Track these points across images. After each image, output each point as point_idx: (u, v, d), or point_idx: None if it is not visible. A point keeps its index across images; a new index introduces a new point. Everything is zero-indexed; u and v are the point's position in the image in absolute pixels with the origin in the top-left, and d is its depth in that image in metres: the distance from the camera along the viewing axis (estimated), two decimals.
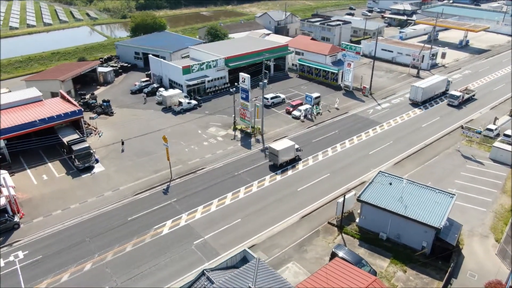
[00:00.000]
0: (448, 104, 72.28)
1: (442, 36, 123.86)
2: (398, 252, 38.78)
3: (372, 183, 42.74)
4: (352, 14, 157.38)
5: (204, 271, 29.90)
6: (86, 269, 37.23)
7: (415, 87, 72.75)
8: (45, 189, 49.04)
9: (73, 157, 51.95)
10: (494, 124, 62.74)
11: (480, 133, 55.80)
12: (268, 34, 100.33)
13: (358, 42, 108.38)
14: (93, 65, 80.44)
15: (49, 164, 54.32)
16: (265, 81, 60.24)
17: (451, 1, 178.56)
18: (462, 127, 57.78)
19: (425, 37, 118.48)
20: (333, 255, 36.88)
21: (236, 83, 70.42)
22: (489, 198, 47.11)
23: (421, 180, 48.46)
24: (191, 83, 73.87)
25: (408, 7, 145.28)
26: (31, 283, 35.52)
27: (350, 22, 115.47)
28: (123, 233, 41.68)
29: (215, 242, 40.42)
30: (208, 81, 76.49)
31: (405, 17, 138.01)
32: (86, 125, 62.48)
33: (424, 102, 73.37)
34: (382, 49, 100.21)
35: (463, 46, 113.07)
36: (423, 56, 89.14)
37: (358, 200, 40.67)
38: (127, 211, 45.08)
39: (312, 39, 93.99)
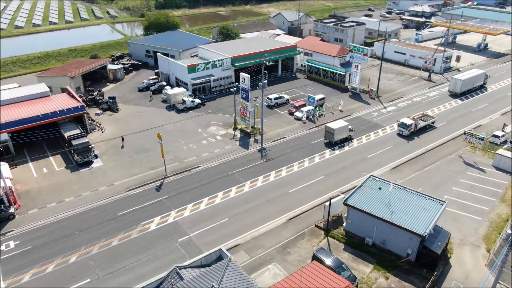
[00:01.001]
0: (398, 134, 61.82)
1: (461, 39, 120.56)
2: (383, 258, 38.07)
3: (362, 187, 42.09)
4: (370, 16, 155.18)
5: (176, 267, 30.14)
6: (71, 261, 38.11)
7: (454, 79, 77.37)
8: (43, 182, 50.48)
9: (72, 151, 53.28)
10: (503, 130, 60.67)
11: (483, 139, 54.09)
12: (278, 35, 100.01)
13: (372, 44, 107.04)
14: (103, 63, 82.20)
15: (51, 157, 55.85)
16: (265, 81, 60.07)
17: (474, 3, 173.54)
18: (464, 132, 56.13)
19: (442, 40, 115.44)
20: (314, 258, 36.60)
21: (236, 83, 70.63)
22: (487, 207, 45.64)
23: (418, 186, 47.76)
24: (196, 81, 74.55)
25: (427, 8, 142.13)
26: (16, 272, 36.62)
27: (364, 24, 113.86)
28: (111, 227, 42.47)
29: (200, 240, 40.68)
30: (214, 80, 76.93)
31: (423, 19, 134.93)
32: (90, 121, 63.95)
33: (463, 93, 77.47)
34: (395, 51, 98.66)
35: (481, 49, 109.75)
36: (435, 59, 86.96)
37: (345, 204, 40.13)
38: (118, 206, 45.88)
39: (322, 40, 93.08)
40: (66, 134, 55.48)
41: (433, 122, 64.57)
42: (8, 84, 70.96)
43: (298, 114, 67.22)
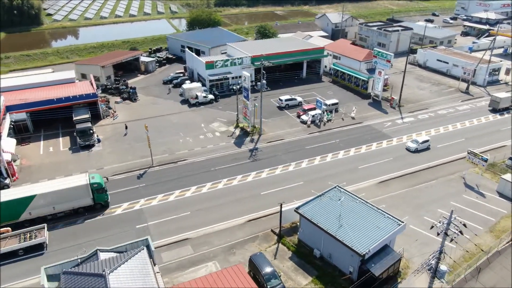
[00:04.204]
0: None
1: None
2: (325, 273, 36.42)
3: (322, 196, 40.46)
4: (432, 21, 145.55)
5: (97, 249, 31.77)
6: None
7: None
8: (46, 159, 55.36)
9: (74, 134, 57.72)
10: None
11: (486, 160, 48.66)
12: (312, 36, 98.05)
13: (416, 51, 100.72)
14: (135, 55, 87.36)
15: (61, 138, 60.92)
16: (264, 81, 59.72)
17: None
18: (468, 151, 50.94)
19: (501, 51, 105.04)
20: (250, 263, 36.17)
21: (237, 82, 70.81)
22: (468, 235, 41.16)
23: (398, 204, 45.39)
24: (213, 78, 76.10)
25: (492, 15, 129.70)
26: None
27: (411, 29, 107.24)
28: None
29: (155, 230, 42.07)
30: (232, 78, 77.89)
31: (486, 27, 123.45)
32: (106, 108, 68.49)
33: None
34: (438, 60, 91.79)
35: None
36: (474, 70, 79.47)
37: (296, 211, 38.92)
38: None
39: (352, 43, 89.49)
40: (74, 118, 60.12)
41: None
42: (44, 69, 78.33)
43: (304, 117, 65.82)
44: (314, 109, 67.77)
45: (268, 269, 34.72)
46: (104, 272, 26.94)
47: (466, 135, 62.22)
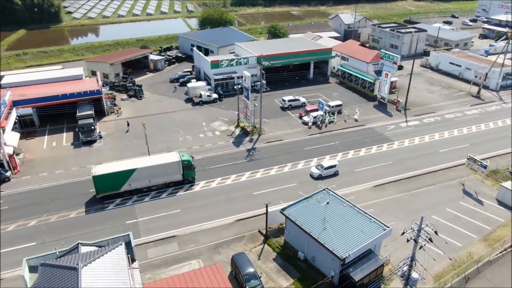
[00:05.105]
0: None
1: None
2: (307, 275, 36.05)
3: (309, 198, 40.09)
4: (450, 23, 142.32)
5: (79, 242, 32.35)
6: (30, 224, 42.70)
7: None
8: (48, 154, 56.73)
9: (76, 130, 58.94)
10: None
11: (485, 167, 47.14)
12: (321, 37, 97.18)
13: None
14: (143, 53, 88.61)
15: (64, 133, 62.29)
16: (264, 81, 59.54)
17: None
18: (467, 157, 49.44)
19: None
20: (232, 262, 36.17)
21: (237, 83, 70.61)
22: (461, 243, 40.26)
23: (391, 209, 44.65)
24: (218, 77, 76.38)
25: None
26: None
27: (425, 30, 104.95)
28: (77, 201, 46.34)
29: (144, 226, 42.54)
30: (238, 78, 77.96)
31: (506, 29, 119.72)
32: (111, 104, 69.66)
33: None
34: (450, 63, 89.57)
35: None
36: (486, 74, 77.17)
37: (281, 212, 38.68)
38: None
39: (361, 44, 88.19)
40: (77, 114, 61.37)
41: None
42: (53, 66, 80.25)
43: (305, 118, 65.33)
44: (317, 110, 67.17)
45: (248, 270, 34.59)
46: (77, 266, 27.39)
47: (471, 140, 60.51)
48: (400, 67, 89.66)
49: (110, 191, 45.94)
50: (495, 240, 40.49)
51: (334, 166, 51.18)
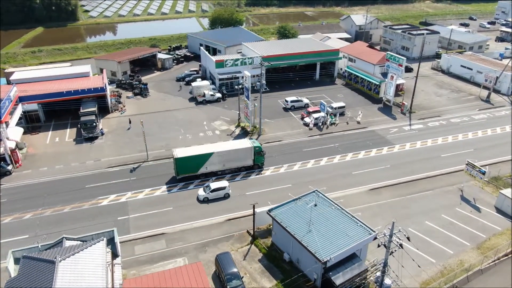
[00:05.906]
0: None
1: None
2: (290, 278, 35.67)
3: (298, 200, 39.77)
4: (467, 25, 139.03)
5: (64, 237, 32.96)
6: (25, 217, 43.66)
7: None
8: (50, 149, 57.93)
9: (79, 126, 60.00)
10: None
11: (484, 173, 45.81)
12: (330, 38, 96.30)
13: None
14: (151, 52, 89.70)
15: (68, 130, 63.46)
16: (263, 82, 59.42)
17: None
18: (466, 163, 48.13)
19: None
20: (215, 261, 36.20)
21: (238, 83, 70.73)
22: (452, 251, 39.27)
23: (384, 213, 43.92)
24: (223, 77, 76.58)
25: None
26: None
27: (438, 33, 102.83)
28: (73, 196, 47.13)
29: (134, 223, 42.99)
30: (242, 77, 77.86)
31: None
32: (116, 102, 70.68)
33: None
34: (462, 66, 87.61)
35: None
36: (496, 77, 75.10)
37: (268, 213, 38.49)
38: (91, 179, 50.51)
39: (369, 46, 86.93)
40: (80, 110, 62.48)
41: None
42: (63, 63, 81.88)
43: (307, 119, 64.89)
44: (319, 111, 66.62)
45: (231, 269, 34.56)
46: (55, 259, 27.89)
47: (476, 146, 59.00)
48: (410, 70, 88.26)
49: (189, 173, 49.58)
50: (488, 248, 39.35)
51: (224, 188, 46.65)
